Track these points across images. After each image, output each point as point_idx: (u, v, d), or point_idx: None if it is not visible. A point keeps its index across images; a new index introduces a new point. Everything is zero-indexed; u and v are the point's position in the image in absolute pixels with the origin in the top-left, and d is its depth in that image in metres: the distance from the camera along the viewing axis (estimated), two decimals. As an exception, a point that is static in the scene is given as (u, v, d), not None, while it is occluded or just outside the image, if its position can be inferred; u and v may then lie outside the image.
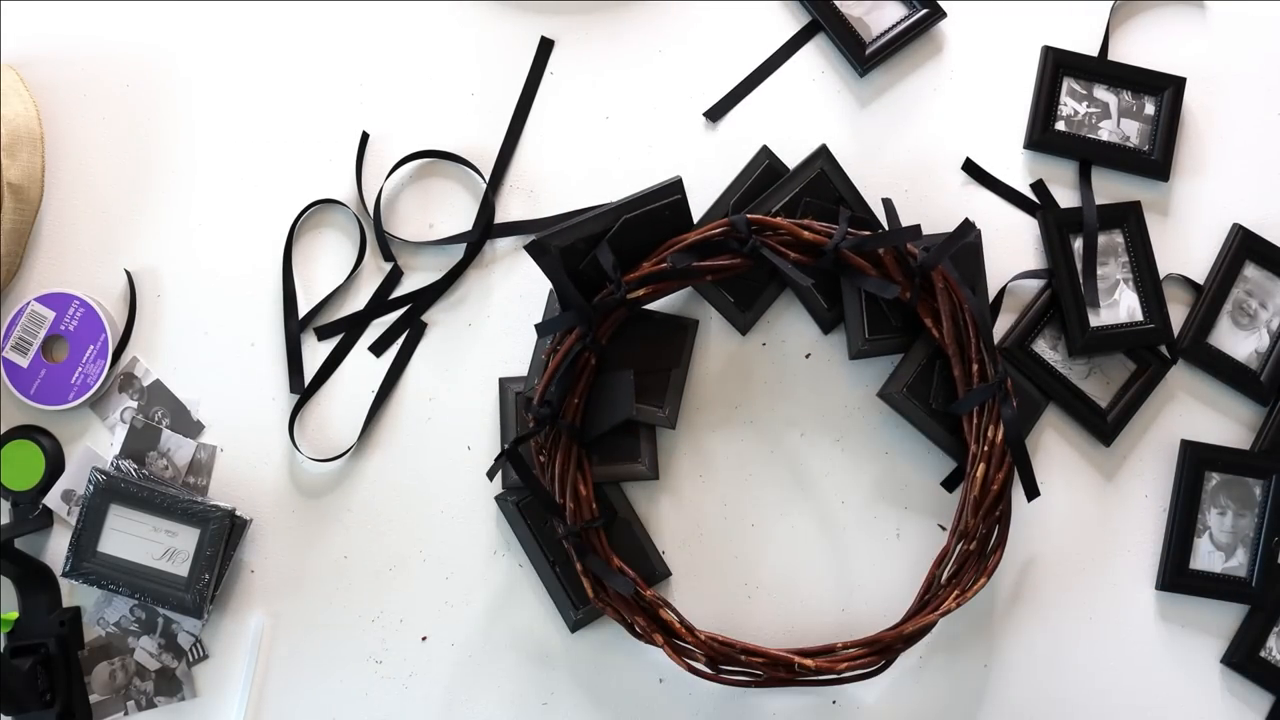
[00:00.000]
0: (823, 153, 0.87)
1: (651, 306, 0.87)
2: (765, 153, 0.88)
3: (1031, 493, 0.83)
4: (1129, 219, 0.88)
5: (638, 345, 0.86)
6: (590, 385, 0.84)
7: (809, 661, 0.81)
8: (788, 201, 0.86)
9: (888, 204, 0.84)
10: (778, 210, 0.86)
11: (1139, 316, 0.87)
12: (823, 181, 0.86)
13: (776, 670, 0.82)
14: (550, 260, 0.80)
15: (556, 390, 0.82)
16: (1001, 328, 0.89)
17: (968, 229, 0.83)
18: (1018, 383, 0.86)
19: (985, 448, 0.83)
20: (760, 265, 0.84)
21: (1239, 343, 0.89)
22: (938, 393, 0.85)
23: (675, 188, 0.82)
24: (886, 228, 0.84)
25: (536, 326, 0.82)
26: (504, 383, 0.87)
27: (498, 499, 0.87)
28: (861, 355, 0.87)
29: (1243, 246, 0.89)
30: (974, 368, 0.83)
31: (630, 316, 0.85)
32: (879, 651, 0.82)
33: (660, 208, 0.82)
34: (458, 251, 0.89)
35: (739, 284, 0.87)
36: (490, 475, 0.81)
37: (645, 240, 0.83)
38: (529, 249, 0.79)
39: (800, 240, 0.83)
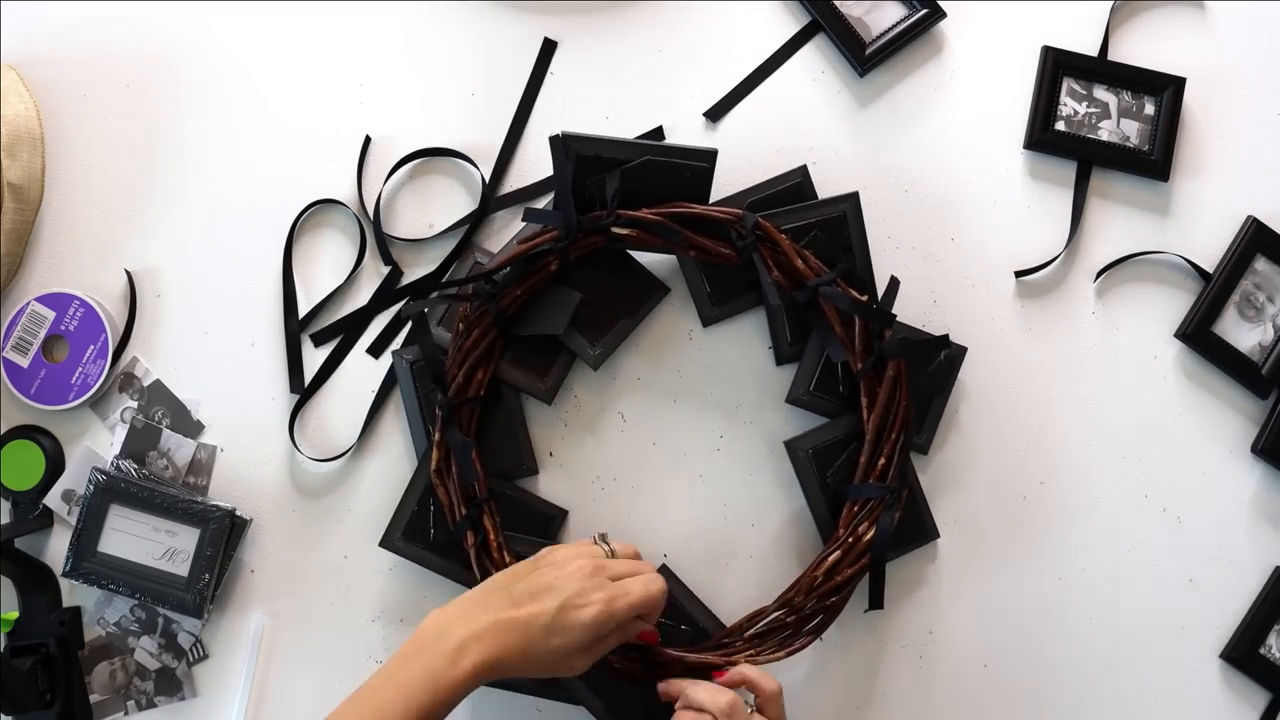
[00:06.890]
0: (852, 198, 0.86)
1: (636, 257, 0.87)
2: (802, 172, 0.87)
3: (875, 604, 0.83)
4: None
5: (604, 281, 0.86)
6: (539, 288, 0.84)
7: None
8: (799, 226, 0.85)
9: (893, 283, 0.84)
10: (788, 230, 0.85)
11: None
12: (840, 224, 0.85)
13: None
14: (564, 157, 0.81)
15: (507, 276, 0.83)
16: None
17: (944, 344, 0.83)
18: (916, 505, 0.85)
19: (849, 539, 0.82)
20: (746, 268, 0.84)
21: (1244, 335, 0.89)
22: (839, 471, 0.84)
23: (708, 156, 0.83)
24: (879, 299, 0.84)
25: (526, 210, 0.84)
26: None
27: (394, 353, 0.86)
28: (798, 404, 0.86)
29: (1255, 239, 0.88)
30: (880, 463, 0.82)
31: (608, 250, 0.85)
32: (648, 664, 0.80)
33: (685, 166, 0.83)
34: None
35: (721, 277, 0.86)
36: (405, 315, 0.81)
37: (657, 190, 0.83)
38: (552, 138, 0.81)
39: (791, 265, 0.83)
